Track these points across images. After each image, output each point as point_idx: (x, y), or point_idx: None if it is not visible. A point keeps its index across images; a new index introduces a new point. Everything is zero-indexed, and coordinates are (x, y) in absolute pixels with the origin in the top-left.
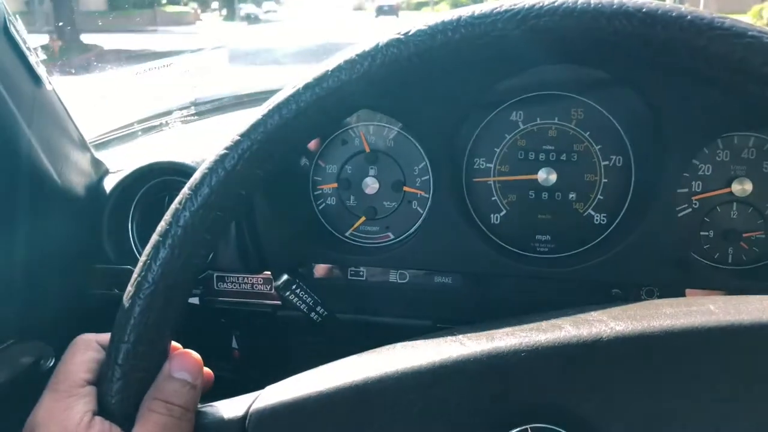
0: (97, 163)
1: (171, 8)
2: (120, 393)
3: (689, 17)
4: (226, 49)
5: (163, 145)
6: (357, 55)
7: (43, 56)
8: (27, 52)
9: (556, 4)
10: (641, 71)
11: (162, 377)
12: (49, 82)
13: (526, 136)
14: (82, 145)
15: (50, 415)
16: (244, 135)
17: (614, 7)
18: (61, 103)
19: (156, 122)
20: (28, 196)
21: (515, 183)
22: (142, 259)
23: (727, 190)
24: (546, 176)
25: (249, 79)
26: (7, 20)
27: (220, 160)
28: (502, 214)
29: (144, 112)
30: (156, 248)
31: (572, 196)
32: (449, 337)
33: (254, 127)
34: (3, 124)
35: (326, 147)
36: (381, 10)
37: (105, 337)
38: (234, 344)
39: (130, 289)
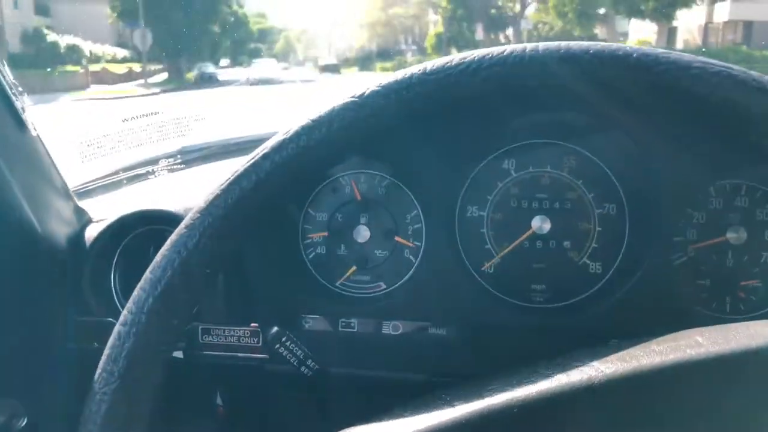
0: (79, 212)
1: (67, 67)
2: None
3: (635, 55)
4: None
5: (149, 193)
6: (313, 121)
7: (29, 102)
8: (13, 97)
9: (505, 53)
10: (629, 119)
11: None
12: (34, 128)
13: (518, 183)
14: (65, 193)
15: None
16: (204, 212)
17: (561, 51)
18: (45, 149)
19: (142, 170)
20: (6, 245)
21: (509, 231)
22: (106, 351)
23: (722, 238)
24: (540, 224)
25: (238, 126)
26: None
27: (181, 240)
28: (493, 261)
29: (129, 160)
30: (120, 338)
31: (567, 244)
32: (438, 400)
33: (213, 203)
34: None
35: (316, 195)
36: (326, 68)
37: None
38: (218, 401)
39: (95, 385)
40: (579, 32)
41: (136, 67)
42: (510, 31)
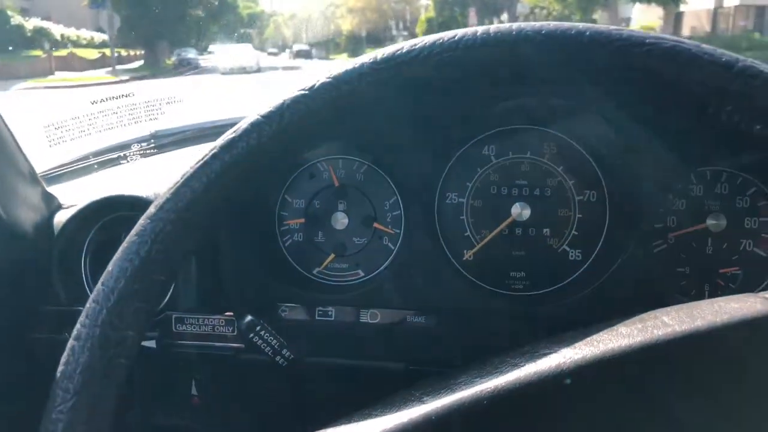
0: (48, 198)
1: (31, 52)
2: None
3: (588, 33)
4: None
5: (121, 179)
6: (263, 117)
7: None
8: None
9: (456, 38)
10: (605, 104)
11: None
12: None
13: (498, 170)
14: (32, 178)
15: None
16: (154, 217)
17: (513, 34)
18: (9, 132)
19: (113, 155)
20: None
21: (489, 218)
22: (60, 368)
23: (702, 225)
24: (520, 211)
25: (212, 110)
26: None
27: (132, 248)
28: (474, 250)
29: (100, 144)
30: (74, 354)
31: (546, 231)
32: (408, 397)
33: (163, 207)
34: None
35: (293, 181)
36: (299, 53)
37: None
38: (193, 390)
39: (49, 404)
40: (579, 17)
41: (109, 53)
42: (505, 16)
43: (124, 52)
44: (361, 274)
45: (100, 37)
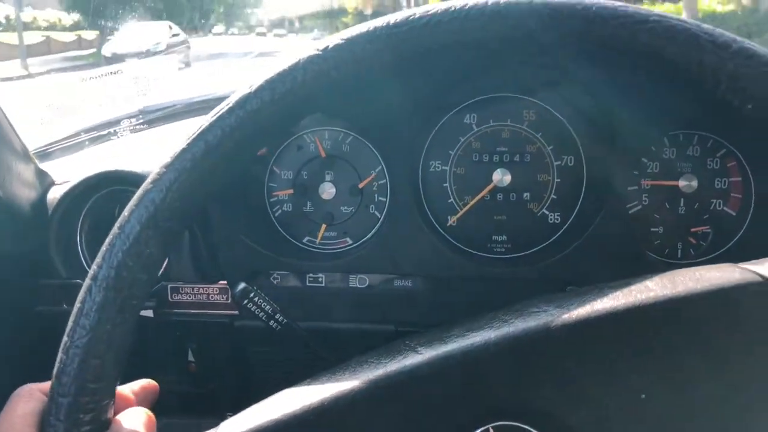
0: (41, 174)
1: None
2: None
3: (594, 8)
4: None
5: (111, 155)
6: (278, 74)
7: None
8: None
9: (466, 6)
10: (588, 71)
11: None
12: None
13: (480, 138)
14: (25, 156)
15: None
16: (169, 166)
17: (522, 6)
18: (2, 111)
19: (103, 131)
20: None
21: (471, 184)
22: (77, 305)
23: (674, 183)
24: (501, 177)
25: (200, 84)
26: None
27: (149, 196)
28: (458, 215)
29: (90, 121)
30: (90, 293)
31: (526, 196)
32: (402, 347)
33: (179, 157)
34: None
35: (281, 153)
36: (259, 34)
37: (47, 386)
38: (190, 357)
39: (66, 339)
40: None
41: (89, 35)
42: None
43: (90, 35)
44: (350, 242)
45: (69, 18)
